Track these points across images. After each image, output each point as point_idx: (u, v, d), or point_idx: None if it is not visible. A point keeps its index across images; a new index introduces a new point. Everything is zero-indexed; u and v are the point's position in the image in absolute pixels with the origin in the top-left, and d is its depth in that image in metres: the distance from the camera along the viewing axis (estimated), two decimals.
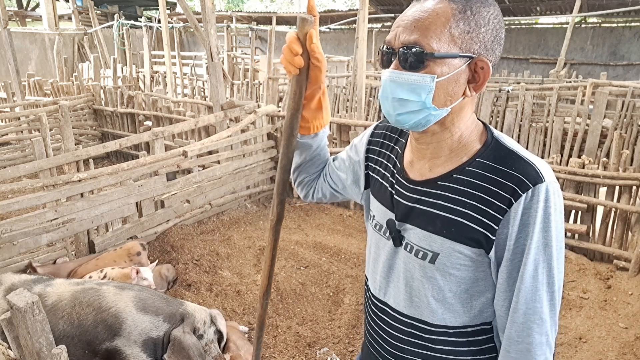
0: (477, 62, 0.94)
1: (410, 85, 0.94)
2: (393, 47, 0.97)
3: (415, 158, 1.09)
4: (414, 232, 1.04)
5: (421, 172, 1.06)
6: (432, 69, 0.92)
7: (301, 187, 1.43)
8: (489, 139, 1.01)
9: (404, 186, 1.09)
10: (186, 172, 4.94)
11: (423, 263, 1.03)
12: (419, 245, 1.03)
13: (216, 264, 3.89)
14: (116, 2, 17.05)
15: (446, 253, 0.99)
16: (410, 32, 0.93)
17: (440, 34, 0.91)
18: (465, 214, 0.96)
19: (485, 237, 0.95)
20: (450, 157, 1.02)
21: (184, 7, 5.65)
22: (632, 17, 12.45)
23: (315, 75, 1.11)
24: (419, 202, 1.04)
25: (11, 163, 6.19)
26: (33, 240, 3.42)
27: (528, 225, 0.91)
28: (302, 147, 1.30)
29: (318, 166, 1.37)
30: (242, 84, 9.91)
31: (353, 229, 4.67)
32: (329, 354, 2.92)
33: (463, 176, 0.99)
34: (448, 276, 1.01)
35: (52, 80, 9.27)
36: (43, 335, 1.64)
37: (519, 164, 0.94)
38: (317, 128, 1.24)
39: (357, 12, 5.82)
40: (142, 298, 2.46)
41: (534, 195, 0.90)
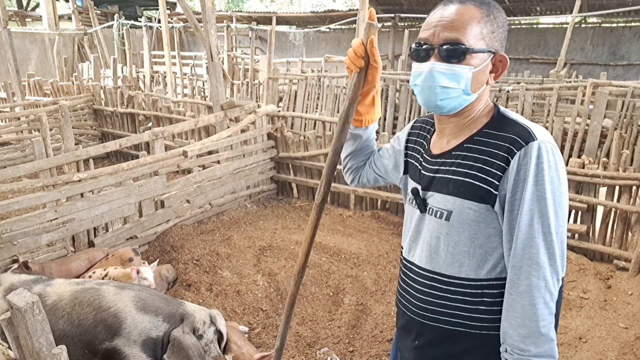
0: (497, 56, 1.16)
1: (453, 75, 1.13)
2: (431, 43, 1.15)
3: (437, 138, 1.29)
4: (434, 197, 1.22)
5: (441, 147, 1.26)
6: (469, 61, 1.12)
7: (349, 172, 1.64)
8: (495, 113, 1.20)
9: (428, 161, 1.28)
10: (186, 172, 4.95)
11: (440, 221, 1.20)
12: (437, 206, 1.21)
13: (216, 264, 3.89)
14: (116, 2, 17.05)
15: (458, 210, 1.16)
16: (451, 31, 1.12)
17: (475, 32, 1.12)
18: (472, 175, 1.13)
19: (488, 192, 1.11)
20: (464, 131, 1.21)
21: (184, 7, 5.65)
22: (632, 17, 12.44)
23: (373, 75, 1.32)
24: (438, 171, 1.22)
25: (11, 163, 6.19)
26: (33, 240, 3.42)
27: (522, 179, 1.06)
28: (353, 137, 1.52)
29: (366, 155, 1.59)
30: (242, 84, 9.91)
31: (353, 229, 4.67)
32: (329, 354, 2.92)
33: (471, 144, 1.17)
34: (462, 231, 1.16)
35: (52, 80, 9.27)
36: (43, 335, 1.64)
37: (515, 128, 1.12)
38: (369, 122, 1.46)
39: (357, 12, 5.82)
40: (141, 298, 2.46)
41: (526, 152, 1.06)
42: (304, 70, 10.96)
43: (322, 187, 1.32)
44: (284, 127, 5.41)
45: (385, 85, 8.20)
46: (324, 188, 1.32)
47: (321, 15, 15.37)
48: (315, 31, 16.02)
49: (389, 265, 3.92)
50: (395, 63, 13.64)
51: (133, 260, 3.51)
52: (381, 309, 3.36)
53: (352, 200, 5.13)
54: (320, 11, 16.04)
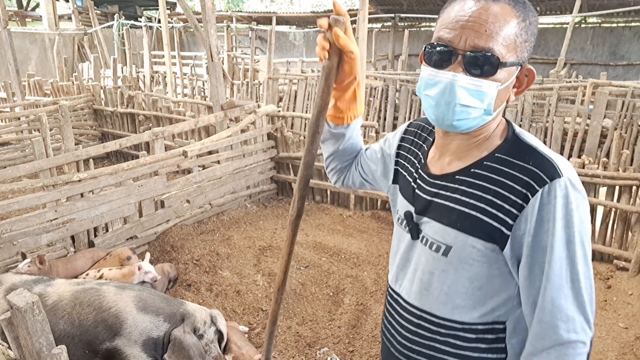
0: (523, 69, 0.97)
1: (477, 92, 0.94)
2: (456, 47, 0.93)
3: (438, 153, 1.11)
4: (430, 225, 1.06)
5: (441, 167, 1.08)
6: (498, 77, 0.93)
7: (333, 173, 1.47)
8: (510, 135, 1.02)
9: (425, 180, 1.10)
10: (186, 172, 4.95)
11: (436, 256, 1.04)
12: (434, 237, 1.04)
13: (216, 264, 3.89)
14: (116, 2, 17.05)
15: (459, 246, 0.99)
16: (482, 37, 0.91)
17: (510, 41, 0.92)
18: (480, 208, 0.96)
19: (500, 232, 0.94)
20: (472, 152, 1.03)
21: (184, 7, 5.65)
22: (632, 17, 12.45)
23: (350, 67, 1.10)
24: (437, 195, 1.05)
25: (11, 163, 6.18)
26: (33, 240, 3.42)
27: (548, 222, 0.89)
28: (335, 136, 1.33)
29: (350, 155, 1.40)
30: (242, 84, 9.91)
31: (353, 229, 4.67)
32: (329, 354, 2.92)
33: (481, 170, 0.99)
34: (461, 270, 1.01)
35: (52, 80, 9.27)
36: (43, 335, 1.64)
37: (536, 159, 0.94)
38: (351, 118, 1.26)
39: (357, 12, 5.82)
40: (142, 298, 2.46)
41: (551, 190, 0.89)
42: (304, 70, 10.96)
43: (295, 203, 1.19)
44: (284, 127, 5.41)
45: (385, 85, 8.19)
46: (297, 203, 1.18)
47: (321, 15, 15.36)
48: (315, 31, 16.01)
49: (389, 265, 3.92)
50: (395, 63, 13.63)
51: (131, 259, 3.51)
52: (381, 309, 3.36)
53: (352, 200, 5.13)
54: (320, 11, 16.05)
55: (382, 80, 8.72)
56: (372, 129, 5.26)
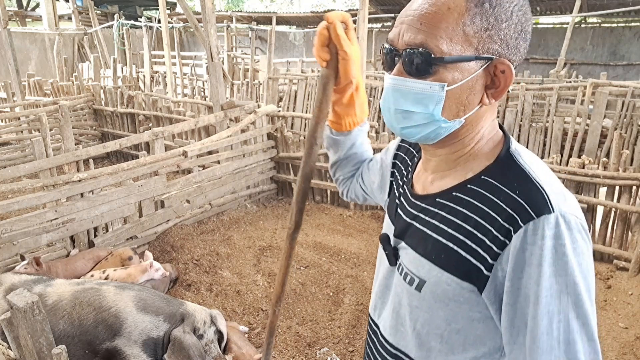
0: (496, 64, 0.80)
1: (417, 95, 0.81)
2: (396, 47, 0.83)
3: (422, 169, 0.98)
4: (407, 253, 0.92)
5: (424, 185, 0.95)
6: (442, 76, 0.79)
7: (338, 183, 1.36)
8: (502, 154, 0.85)
9: (407, 199, 0.98)
10: (186, 172, 4.95)
11: (410, 289, 0.89)
12: (408, 268, 0.90)
13: (216, 264, 3.89)
14: (116, 2, 17.05)
15: (433, 282, 0.85)
16: (416, 31, 0.79)
17: (452, 32, 0.77)
18: (458, 240, 0.82)
19: (478, 270, 0.79)
20: (456, 170, 0.89)
21: (184, 7, 5.65)
22: (632, 17, 12.45)
23: (345, 70, 1.00)
24: (416, 218, 0.92)
25: (11, 163, 6.18)
26: (33, 240, 3.42)
27: (530, 266, 0.73)
28: (335, 144, 1.23)
29: (354, 165, 1.29)
30: (242, 84, 9.91)
31: (353, 229, 4.67)
32: (329, 354, 2.92)
33: (463, 195, 0.84)
34: (436, 309, 0.86)
35: (52, 80, 9.27)
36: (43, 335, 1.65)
37: (524, 187, 0.78)
38: (350, 125, 1.17)
39: (357, 12, 5.82)
40: (142, 298, 2.46)
41: (537, 228, 0.73)
42: (304, 70, 10.96)
43: (293, 216, 1.10)
44: (284, 127, 5.41)
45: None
46: (295, 216, 1.10)
47: (321, 15, 15.37)
48: (315, 31, 16.02)
49: None
50: None
51: (132, 259, 3.52)
52: None
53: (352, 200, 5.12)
54: (320, 11, 16.05)
55: (382, 80, 8.72)
56: (372, 129, 5.26)
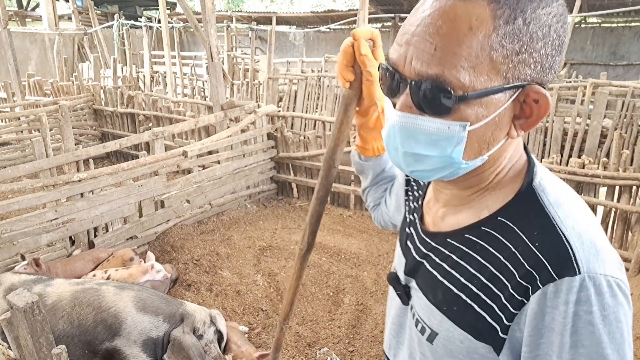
0: (528, 92, 0.64)
1: (431, 136, 0.65)
2: (401, 72, 0.66)
3: (433, 198, 0.86)
4: (418, 297, 0.81)
5: (434, 220, 0.83)
6: (463, 114, 0.63)
7: (370, 210, 1.23)
8: (524, 188, 0.70)
9: (417, 232, 0.86)
10: (186, 172, 4.95)
11: (421, 338, 0.79)
12: (420, 314, 0.79)
13: (216, 264, 3.89)
14: (116, 2, 17.05)
15: (445, 336, 0.74)
16: (429, 58, 0.61)
17: (475, 60, 0.60)
18: (471, 292, 0.70)
19: (493, 330, 0.68)
20: (470, 206, 0.76)
21: (184, 7, 5.65)
22: (632, 17, 12.45)
23: (369, 91, 0.89)
24: (426, 258, 0.81)
25: (11, 163, 6.18)
26: (33, 240, 3.42)
27: (551, 333, 0.62)
28: (364, 169, 1.13)
29: (385, 190, 1.15)
30: (242, 84, 9.91)
31: (353, 229, 4.67)
32: (329, 354, 2.92)
33: (476, 238, 0.72)
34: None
35: (52, 80, 9.27)
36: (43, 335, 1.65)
37: (546, 238, 0.64)
38: (378, 150, 1.06)
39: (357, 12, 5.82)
40: (141, 298, 2.46)
41: (559, 292, 0.60)
42: (304, 70, 10.96)
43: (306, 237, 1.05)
44: (284, 127, 5.41)
45: None
46: (307, 238, 1.05)
47: (321, 15, 15.38)
48: (315, 31, 16.02)
49: (389, 265, 3.92)
50: None
51: (134, 260, 3.52)
52: (381, 309, 3.36)
53: (352, 200, 5.13)
54: (320, 11, 16.05)
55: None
56: None
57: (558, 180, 0.73)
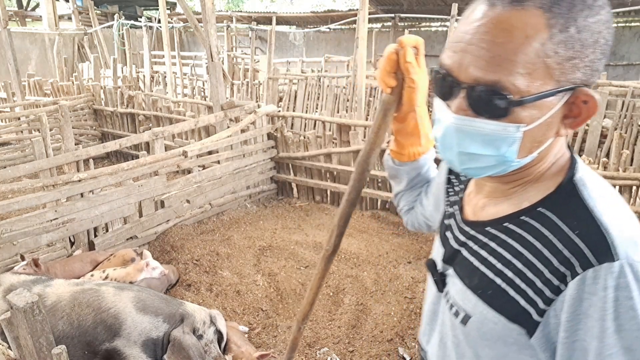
0: (578, 94, 0.69)
1: (486, 137, 0.71)
2: (457, 77, 0.71)
3: (474, 191, 0.91)
4: (454, 282, 0.86)
5: (474, 210, 0.88)
6: (518, 116, 0.68)
7: (402, 213, 1.26)
8: (565, 182, 0.74)
9: (457, 222, 0.92)
10: (186, 172, 4.95)
11: (455, 321, 0.84)
12: (455, 298, 0.85)
13: (216, 264, 3.89)
14: (116, 2, 17.06)
15: (478, 318, 0.78)
16: (486, 64, 0.66)
17: (531, 67, 0.65)
18: (507, 277, 0.75)
19: (527, 314, 0.72)
20: (510, 198, 0.80)
21: (184, 7, 5.65)
22: (632, 17, 12.45)
23: (409, 98, 0.93)
24: (464, 246, 0.86)
25: (11, 163, 6.18)
26: (33, 240, 3.42)
27: (589, 319, 0.65)
28: (399, 174, 1.15)
29: (419, 194, 1.19)
30: (242, 84, 9.91)
31: (353, 229, 4.67)
32: (329, 354, 2.92)
33: (515, 227, 0.76)
34: (482, 347, 0.79)
35: (52, 80, 9.27)
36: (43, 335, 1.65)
37: (586, 227, 0.68)
38: (415, 155, 1.09)
39: (357, 12, 5.82)
40: (141, 299, 2.46)
41: (598, 277, 0.64)
42: (304, 70, 10.96)
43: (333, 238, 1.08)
44: (284, 127, 5.41)
45: None
46: (335, 239, 1.07)
47: (321, 15, 15.38)
48: (315, 31, 16.02)
49: (389, 265, 3.92)
50: None
51: (135, 261, 3.52)
52: (381, 309, 3.36)
53: None
54: (320, 11, 16.05)
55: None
56: None
57: (598, 177, 0.77)
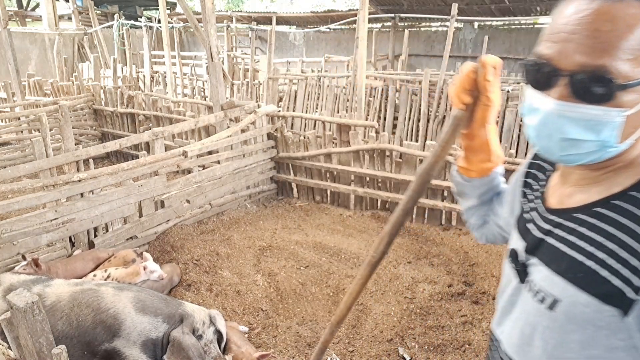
0: None
1: (589, 122, 0.74)
2: (557, 66, 0.75)
3: (559, 181, 0.92)
4: (538, 270, 0.87)
5: (560, 198, 0.89)
6: (620, 100, 0.71)
7: (474, 229, 1.26)
8: None
9: (539, 213, 0.93)
10: (186, 172, 4.95)
11: (540, 307, 0.85)
12: (540, 285, 0.85)
13: (216, 264, 3.89)
14: (116, 2, 17.06)
15: (568, 302, 0.79)
16: (591, 51, 0.71)
17: (634, 53, 0.70)
18: (598, 259, 0.76)
19: (621, 293, 0.73)
20: (599, 184, 0.82)
21: (184, 7, 5.65)
22: None
23: (483, 115, 0.96)
24: (549, 234, 0.87)
25: (11, 163, 6.18)
26: (33, 240, 3.42)
27: None
28: (469, 189, 1.15)
29: (490, 209, 1.19)
30: (242, 84, 9.91)
31: (353, 229, 4.67)
32: (329, 354, 2.92)
33: (607, 211, 0.78)
34: (570, 332, 0.80)
35: (52, 80, 9.27)
36: (43, 335, 1.64)
37: None
38: (485, 171, 1.10)
39: (357, 12, 5.82)
40: (141, 299, 2.46)
41: None
42: (304, 70, 10.96)
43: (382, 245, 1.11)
44: (284, 127, 5.41)
45: (385, 85, 8.19)
46: (384, 247, 1.10)
47: (321, 15, 15.38)
48: (315, 31, 16.02)
49: (389, 265, 3.92)
50: (395, 63, 13.63)
51: (136, 262, 3.52)
52: (381, 309, 3.36)
53: (352, 200, 5.12)
54: (320, 11, 16.05)
55: (382, 80, 8.72)
56: (372, 129, 5.26)
57: None
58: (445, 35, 8.95)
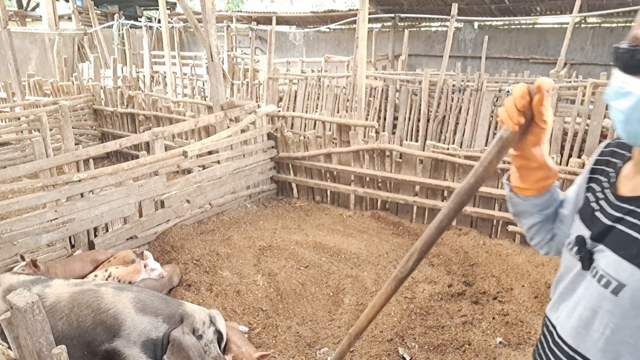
0: None
1: None
2: None
3: (633, 171, 0.94)
4: (604, 255, 0.89)
5: (633, 187, 0.91)
6: None
7: (539, 246, 1.23)
8: None
9: (609, 202, 0.94)
10: (186, 172, 4.95)
11: (604, 292, 0.87)
12: (605, 270, 0.87)
13: (216, 264, 3.89)
14: (116, 2, 17.06)
15: (634, 287, 0.81)
16: None
17: None
18: None
19: None
20: None
21: (184, 7, 5.65)
22: (632, 17, 12.44)
23: (538, 138, 0.96)
24: (620, 220, 0.89)
25: (11, 163, 6.19)
26: (33, 240, 3.42)
27: None
28: (526, 208, 1.14)
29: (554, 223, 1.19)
30: (242, 84, 9.91)
31: (353, 229, 4.67)
32: (329, 354, 2.92)
33: None
34: (633, 317, 0.82)
35: (52, 80, 9.27)
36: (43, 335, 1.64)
37: None
38: (545, 188, 1.10)
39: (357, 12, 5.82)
40: (141, 299, 2.46)
41: None
42: (304, 70, 10.96)
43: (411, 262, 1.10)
44: (284, 127, 5.41)
45: (385, 85, 8.20)
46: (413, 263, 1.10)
47: (321, 15, 15.38)
48: (315, 31, 16.02)
49: (389, 265, 3.92)
50: (395, 63, 13.64)
51: (135, 262, 3.52)
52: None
53: (352, 200, 5.12)
54: (320, 11, 16.05)
55: (382, 80, 8.72)
56: (372, 129, 5.26)
57: None
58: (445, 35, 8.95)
